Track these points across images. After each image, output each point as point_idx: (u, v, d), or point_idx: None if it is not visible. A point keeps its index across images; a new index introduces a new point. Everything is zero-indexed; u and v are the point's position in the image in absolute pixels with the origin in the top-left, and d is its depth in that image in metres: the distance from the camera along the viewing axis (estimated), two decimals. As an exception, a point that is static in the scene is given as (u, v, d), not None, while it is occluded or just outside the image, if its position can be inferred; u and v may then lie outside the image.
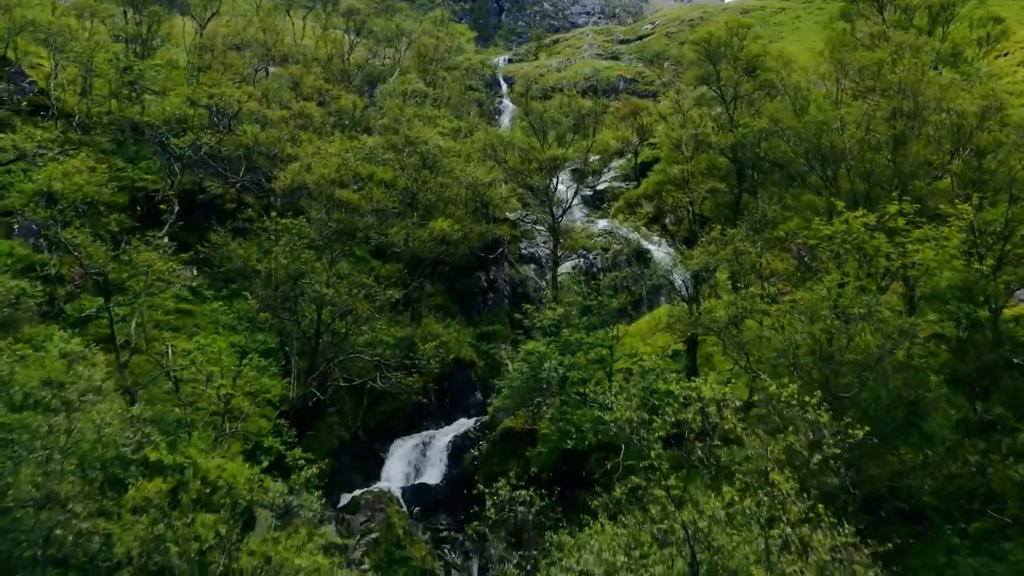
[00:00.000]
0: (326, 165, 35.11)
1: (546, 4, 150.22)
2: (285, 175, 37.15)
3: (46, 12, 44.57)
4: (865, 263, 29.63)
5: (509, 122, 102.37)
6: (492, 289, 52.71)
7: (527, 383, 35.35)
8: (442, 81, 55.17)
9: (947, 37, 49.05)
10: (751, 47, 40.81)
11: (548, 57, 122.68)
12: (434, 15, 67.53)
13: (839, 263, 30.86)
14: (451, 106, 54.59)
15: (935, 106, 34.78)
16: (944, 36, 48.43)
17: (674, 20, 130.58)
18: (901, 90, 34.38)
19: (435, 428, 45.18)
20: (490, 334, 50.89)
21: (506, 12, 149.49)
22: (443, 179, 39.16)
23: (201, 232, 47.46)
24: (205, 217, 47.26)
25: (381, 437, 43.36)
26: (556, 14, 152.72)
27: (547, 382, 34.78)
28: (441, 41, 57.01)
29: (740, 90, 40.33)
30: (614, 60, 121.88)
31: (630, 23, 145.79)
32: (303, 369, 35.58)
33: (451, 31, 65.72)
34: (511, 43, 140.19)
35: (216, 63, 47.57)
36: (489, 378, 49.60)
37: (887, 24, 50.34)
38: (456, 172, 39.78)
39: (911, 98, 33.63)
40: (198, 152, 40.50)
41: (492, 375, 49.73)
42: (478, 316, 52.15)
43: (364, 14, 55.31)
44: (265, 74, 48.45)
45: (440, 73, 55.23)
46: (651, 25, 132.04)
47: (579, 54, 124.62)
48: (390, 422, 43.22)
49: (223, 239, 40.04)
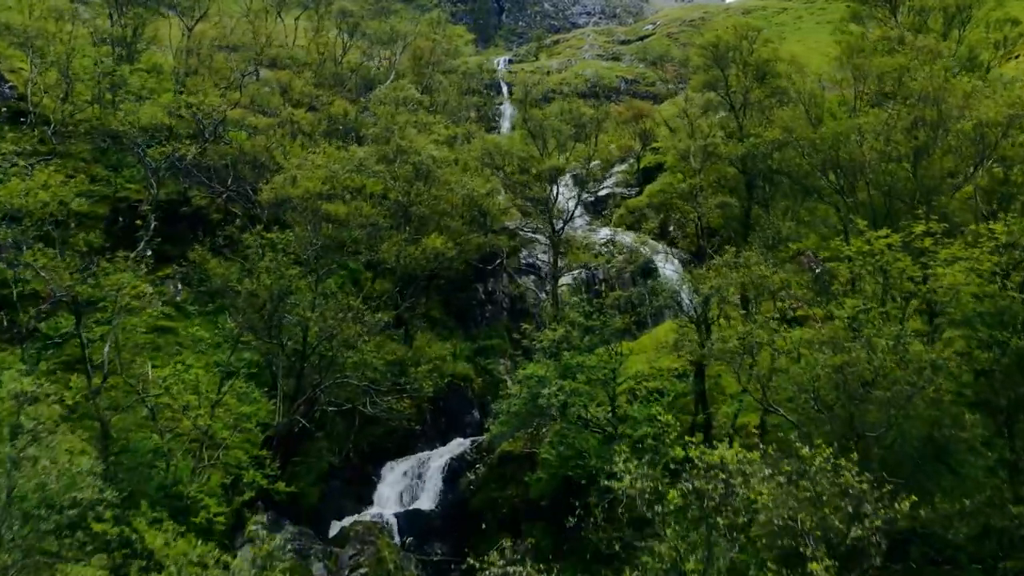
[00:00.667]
0: (311, 178, 32.65)
1: (546, 4, 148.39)
2: (269, 188, 34.67)
3: (23, 14, 42.09)
4: (887, 286, 27.27)
5: (509, 125, 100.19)
6: (490, 301, 50.30)
7: (525, 408, 33.00)
8: (439, 85, 52.59)
9: (963, 40, 46.61)
10: (761, 51, 38.32)
11: (548, 58, 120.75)
12: (430, 16, 64.83)
13: (856, 287, 28.51)
14: (448, 111, 52.11)
15: (958, 115, 32.37)
16: (960, 39, 45.97)
17: (675, 20, 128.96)
18: (922, 98, 31.95)
19: (430, 449, 42.79)
20: (488, 348, 48.45)
21: (506, 12, 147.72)
22: (437, 191, 36.66)
23: (186, 244, 44.97)
24: (190, 228, 44.84)
25: (373, 459, 40.99)
26: (557, 14, 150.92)
27: (547, 408, 32.45)
28: (437, 44, 54.38)
29: (750, 97, 37.81)
30: (615, 61, 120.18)
31: (631, 23, 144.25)
32: (288, 393, 33.20)
33: (448, 33, 63.13)
34: (511, 43, 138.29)
35: (203, 67, 45.15)
36: (487, 395, 47.19)
37: (900, 27, 47.89)
38: (451, 183, 37.32)
39: (934, 106, 31.19)
40: (178, 163, 38.03)
41: (490, 392, 47.30)
42: (476, 329, 49.72)
43: (358, 16, 52.62)
44: (255, 77, 45.92)
45: (436, 77, 52.65)
46: (652, 26, 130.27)
47: (580, 55, 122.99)
48: (383, 444, 40.83)
49: (201, 256, 37.56)
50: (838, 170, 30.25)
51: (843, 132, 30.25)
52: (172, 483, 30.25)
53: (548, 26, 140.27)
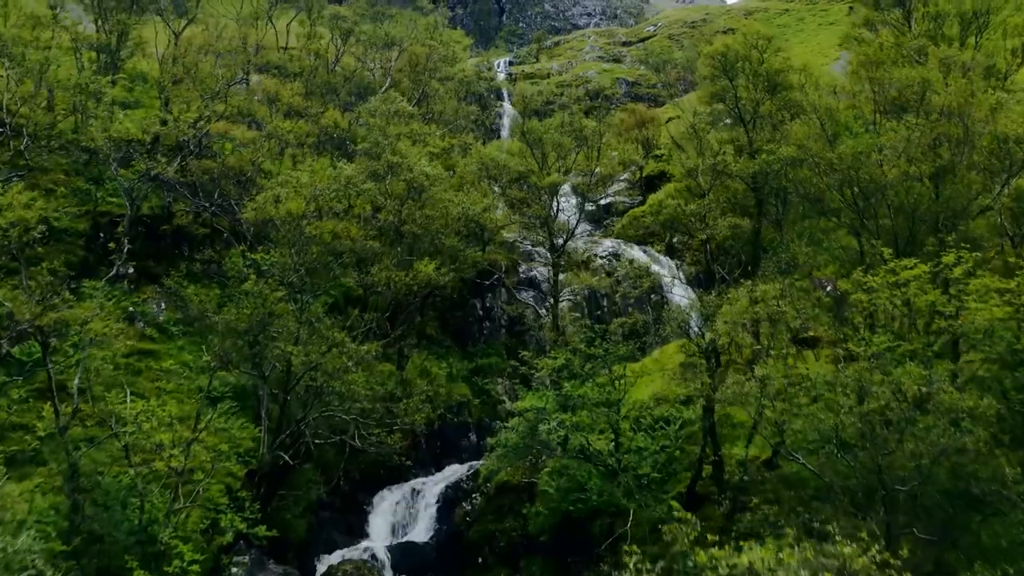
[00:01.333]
0: (295, 198, 30.21)
1: (547, 5, 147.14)
2: (252, 208, 32.27)
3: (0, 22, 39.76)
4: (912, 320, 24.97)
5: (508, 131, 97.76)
6: (488, 318, 47.93)
7: (523, 442, 30.74)
8: (435, 93, 49.98)
9: (980, 47, 44.15)
10: (772, 61, 35.84)
11: (549, 60, 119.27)
12: (427, 21, 62.22)
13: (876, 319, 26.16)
14: (443, 121, 49.67)
15: (983, 130, 29.99)
16: (977, 46, 43.52)
17: (676, 22, 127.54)
18: (945, 113, 29.55)
19: (425, 475, 40.44)
20: (486, 368, 46.03)
21: (507, 13, 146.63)
22: (431, 211, 34.23)
23: (170, 261, 42.62)
24: (174, 245, 42.49)
25: (365, 488, 38.60)
26: (557, 15, 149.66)
27: (547, 442, 30.20)
28: (434, 50, 51.71)
29: (760, 109, 35.33)
30: (616, 63, 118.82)
31: (631, 24, 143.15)
32: (271, 427, 30.86)
33: (445, 39, 60.44)
34: (512, 44, 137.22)
35: (188, 77, 42.73)
36: (484, 417, 44.90)
37: (916, 34, 45.49)
38: (445, 201, 34.91)
39: (959, 122, 28.81)
40: (158, 178, 35.64)
41: (488, 414, 45.00)
42: (473, 347, 47.30)
43: (351, 21, 49.84)
44: (245, 85, 43.32)
45: (433, 85, 50.02)
46: (653, 27, 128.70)
47: (580, 57, 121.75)
48: (375, 471, 38.40)
49: (177, 283, 35.23)
50: (856, 190, 27.85)
51: (863, 151, 27.86)
52: (146, 524, 28.02)
53: (549, 27, 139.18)
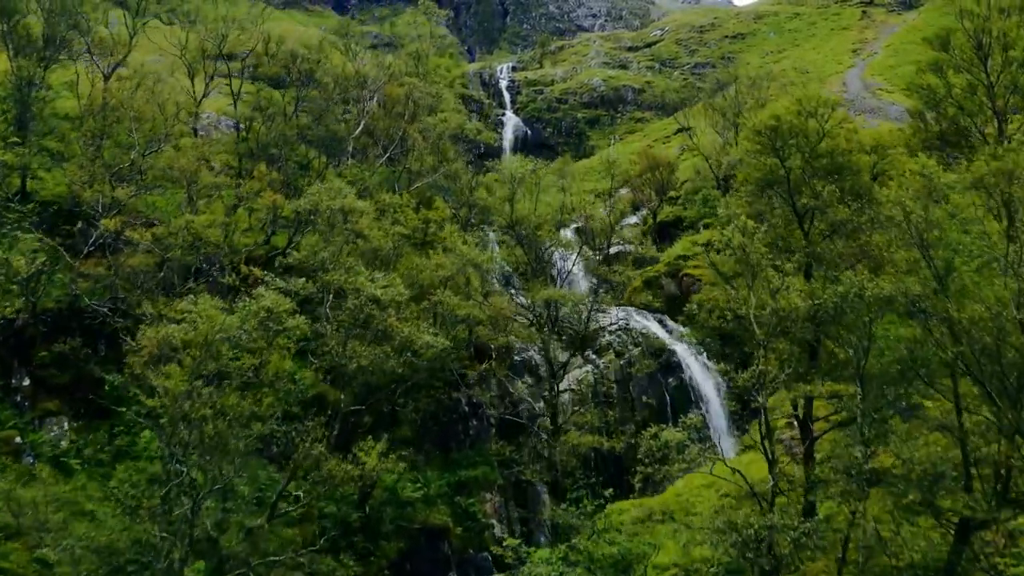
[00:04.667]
0: (175, 369, 20.00)
1: (551, 7, 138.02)
2: (138, 353, 22.18)
3: None
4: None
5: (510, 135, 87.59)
6: (475, 415, 37.73)
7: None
8: (412, 144, 38.98)
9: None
10: (835, 136, 25.05)
11: (553, 65, 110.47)
12: (411, 48, 50.97)
13: None
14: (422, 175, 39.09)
15: None
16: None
17: (684, 26, 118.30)
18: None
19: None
20: (471, 481, 35.77)
21: (511, 15, 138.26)
22: (386, 348, 24.12)
23: (78, 368, 32.40)
24: (85, 344, 32.27)
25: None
26: (561, 17, 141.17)
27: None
28: (414, 88, 40.56)
29: (822, 202, 24.63)
30: (622, 69, 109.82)
31: (637, 26, 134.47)
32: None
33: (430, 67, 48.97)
34: (516, 47, 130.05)
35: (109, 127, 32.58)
36: (468, 549, 34.88)
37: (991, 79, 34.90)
38: (410, 337, 24.70)
39: None
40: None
41: (473, 544, 34.93)
42: (458, 450, 37.11)
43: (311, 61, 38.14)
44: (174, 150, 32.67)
45: (411, 134, 39.05)
46: (660, 31, 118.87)
47: (585, 62, 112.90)
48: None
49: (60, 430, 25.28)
50: (985, 362, 17.52)
51: (1003, 301, 17.41)
52: None
53: (553, 29, 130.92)
